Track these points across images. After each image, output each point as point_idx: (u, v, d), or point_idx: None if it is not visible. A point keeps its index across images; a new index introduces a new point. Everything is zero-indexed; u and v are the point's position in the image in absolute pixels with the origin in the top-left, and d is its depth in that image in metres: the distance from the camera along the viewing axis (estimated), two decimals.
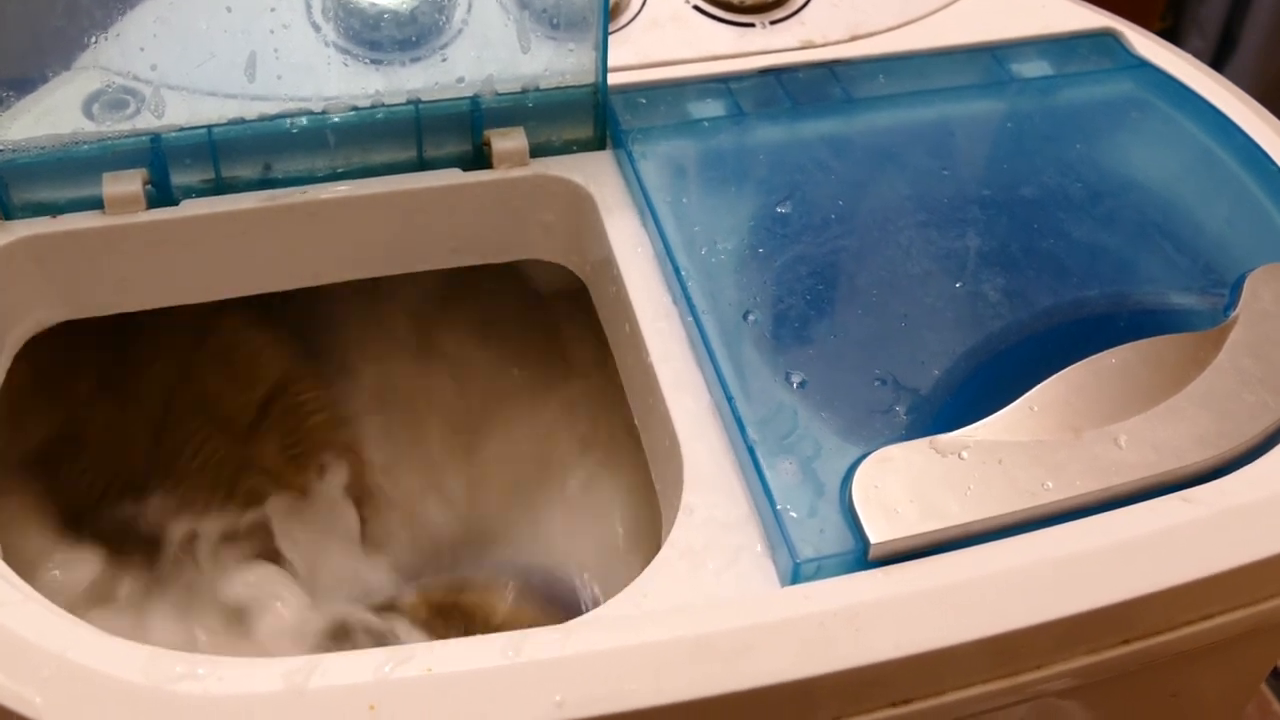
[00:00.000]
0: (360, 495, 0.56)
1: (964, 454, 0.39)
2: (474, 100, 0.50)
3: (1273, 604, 0.40)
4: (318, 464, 0.56)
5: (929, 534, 0.37)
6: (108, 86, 0.47)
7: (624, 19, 0.56)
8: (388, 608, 0.52)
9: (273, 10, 0.48)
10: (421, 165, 0.50)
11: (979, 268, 0.46)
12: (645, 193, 0.48)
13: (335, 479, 0.56)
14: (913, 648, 0.36)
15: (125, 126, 0.47)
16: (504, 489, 0.58)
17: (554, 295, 0.60)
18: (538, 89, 0.50)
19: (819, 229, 0.48)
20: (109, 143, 0.47)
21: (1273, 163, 0.51)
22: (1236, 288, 0.45)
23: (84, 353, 0.56)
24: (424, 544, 0.57)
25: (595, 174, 0.50)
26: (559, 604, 0.53)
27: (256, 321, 0.58)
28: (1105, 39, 0.58)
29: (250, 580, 0.52)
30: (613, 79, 0.51)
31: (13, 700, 0.34)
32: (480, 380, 0.60)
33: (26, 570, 0.45)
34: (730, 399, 0.41)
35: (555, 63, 0.50)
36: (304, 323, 0.59)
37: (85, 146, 0.47)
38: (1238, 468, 0.41)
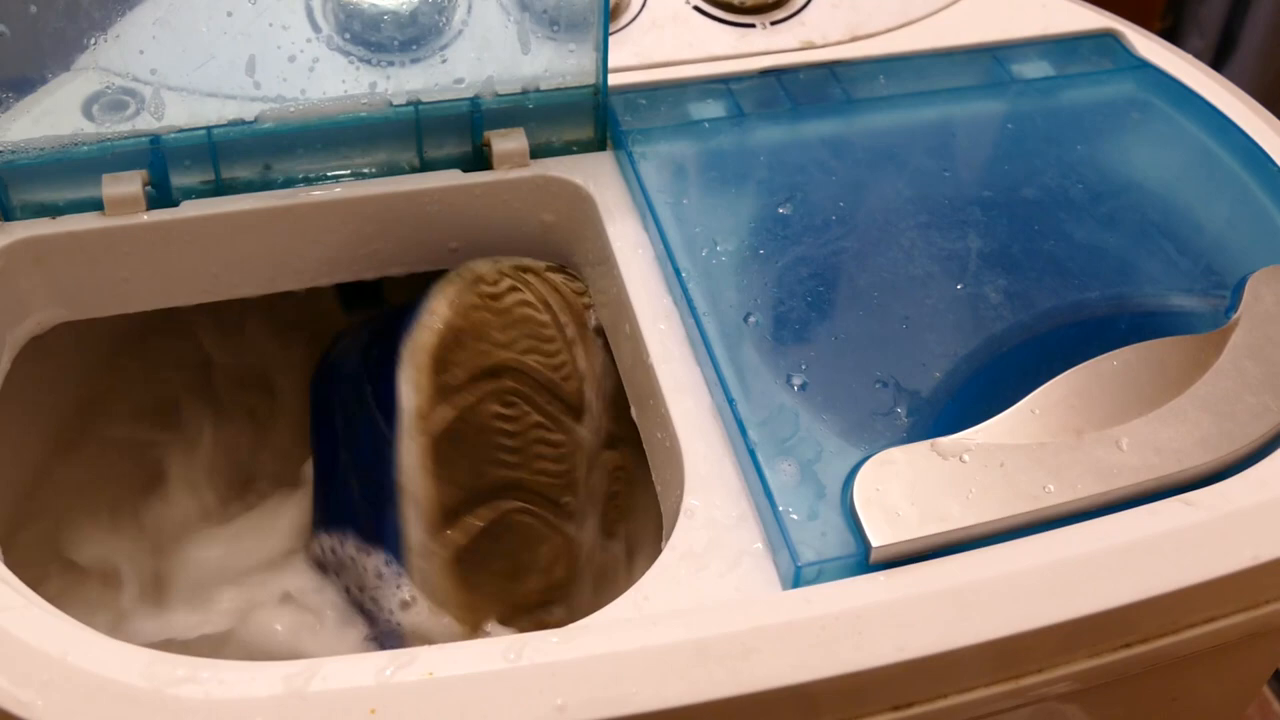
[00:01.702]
0: None
1: (965, 457, 0.39)
2: (474, 101, 0.50)
3: (1274, 607, 0.40)
4: None
5: (930, 537, 0.37)
6: (107, 88, 0.47)
7: (624, 20, 0.56)
8: None
9: (273, 14, 0.48)
10: (422, 166, 0.50)
11: (980, 269, 0.46)
12: (645, 194, 0.48)
13: None
14: (914, 651, 0.36)
15: (125, 128, 0.47)
16: None
17: None
18: (538, 90, 0.50)
19: (820, 230, 0.48)
20: (109, 144, 0.47)
21: (1273, 163, 0.51)
22: (1238, 290, 0.45)
23: None
24: None
25: (595, 175, 0.50)
26: None
27: None
28: (1106, 39, 0.58)
29: None
30: (613, 80, 0.51)
31: (13, 704, 0.34)
32: None
33: None
34: (731, 401, 0.41)
35: (555, 64, 0.50)
36: None
37: (85, 148, 0.47)
38: (1239, 470, 0.41)
